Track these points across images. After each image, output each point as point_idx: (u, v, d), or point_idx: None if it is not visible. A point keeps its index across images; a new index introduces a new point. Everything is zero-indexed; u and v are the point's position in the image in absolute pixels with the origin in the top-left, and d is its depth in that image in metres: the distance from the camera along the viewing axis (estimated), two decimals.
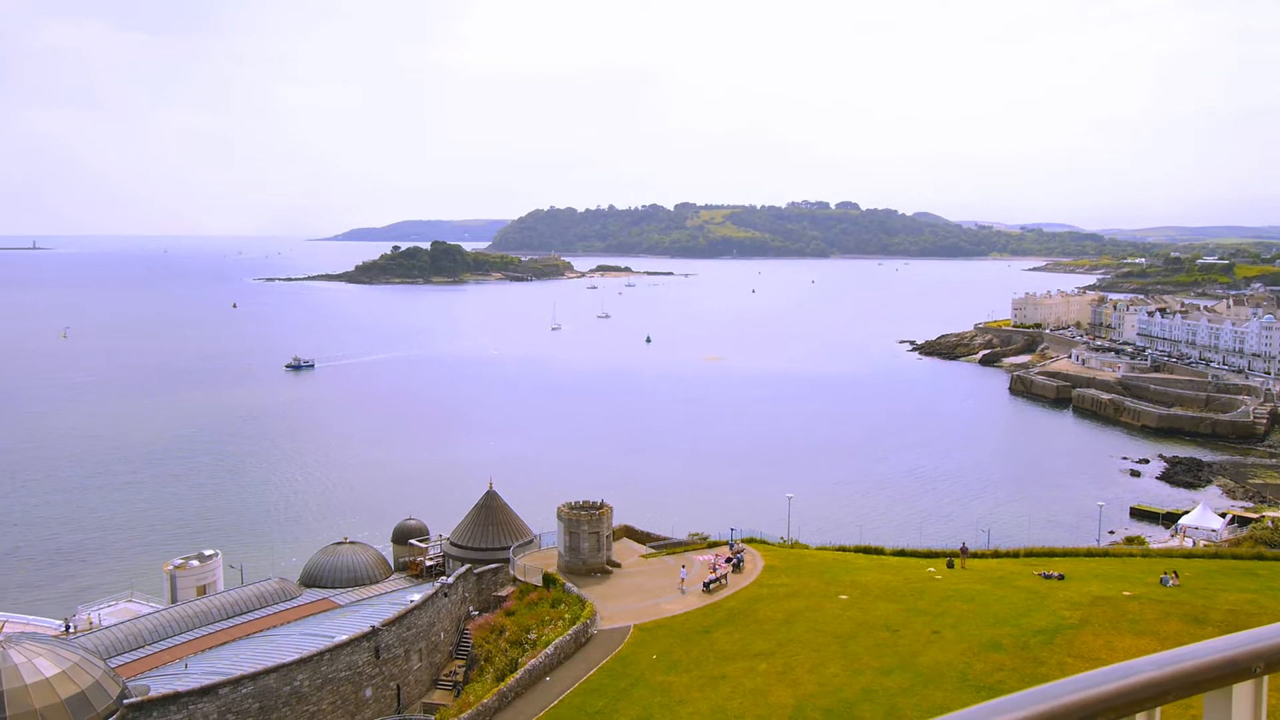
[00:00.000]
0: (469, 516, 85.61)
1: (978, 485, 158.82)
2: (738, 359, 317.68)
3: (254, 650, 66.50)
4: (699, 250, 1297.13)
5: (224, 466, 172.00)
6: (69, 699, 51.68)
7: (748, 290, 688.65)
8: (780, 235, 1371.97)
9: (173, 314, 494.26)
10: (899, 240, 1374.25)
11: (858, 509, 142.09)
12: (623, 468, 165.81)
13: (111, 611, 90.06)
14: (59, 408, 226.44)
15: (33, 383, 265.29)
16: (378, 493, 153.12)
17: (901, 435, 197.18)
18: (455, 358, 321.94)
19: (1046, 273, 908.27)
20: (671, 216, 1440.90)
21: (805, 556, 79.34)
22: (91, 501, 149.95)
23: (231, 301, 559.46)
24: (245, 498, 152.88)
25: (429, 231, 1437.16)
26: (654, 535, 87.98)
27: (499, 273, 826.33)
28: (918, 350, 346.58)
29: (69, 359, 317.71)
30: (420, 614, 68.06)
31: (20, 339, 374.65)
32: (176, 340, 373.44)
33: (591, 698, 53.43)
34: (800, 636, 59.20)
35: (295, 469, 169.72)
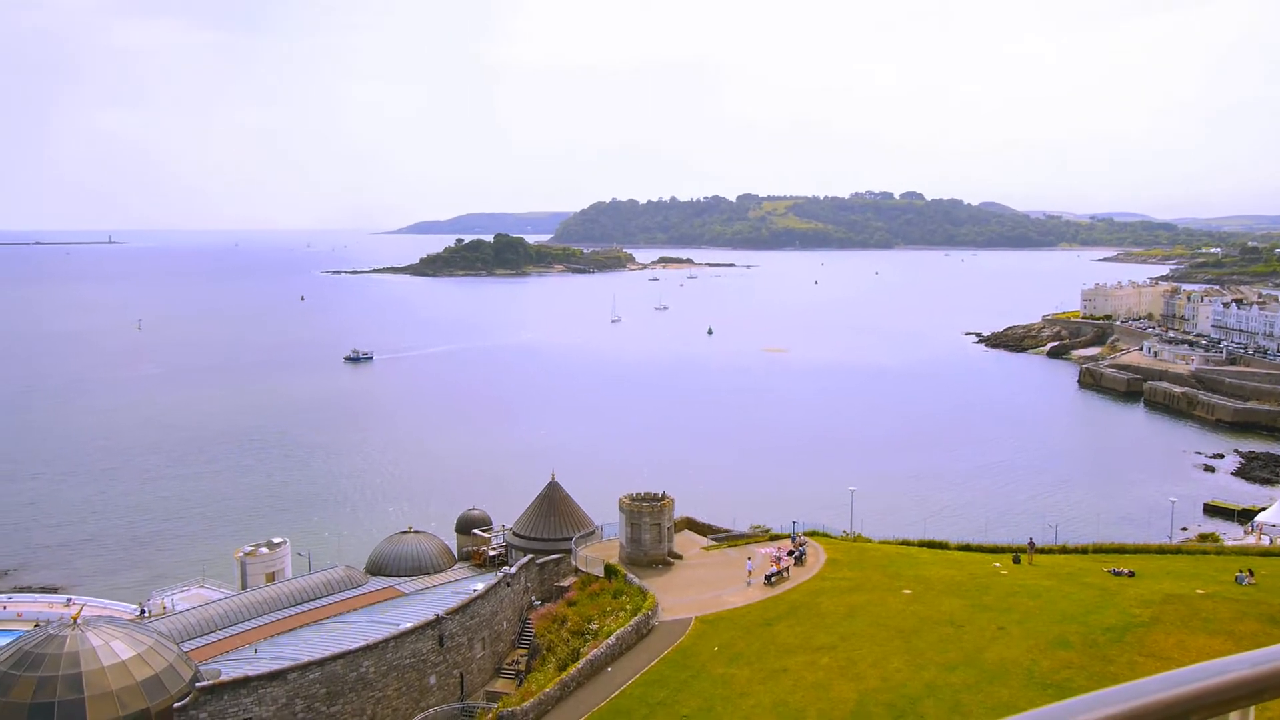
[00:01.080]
0: (531, 507, 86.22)
1: (1045, 480, 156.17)
2: (800, 351, 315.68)
3: (321, 636, 67.67)
4: (761, 242, 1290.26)
5: (292, 456, 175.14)
6: (144, 681, 53.08)
7: (810, 282, 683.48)
8: (843, 226, 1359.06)
9: (243, 306, 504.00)
10: (965, 231, 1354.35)
11: (921, 503, 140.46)
12: (685, 460, 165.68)
13: (184, 597, 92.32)
14: (134, 399, 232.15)
15: (109, 374, 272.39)
16: (441, 483, 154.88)
17: (967, 428, 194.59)
18: (517, 349, 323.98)
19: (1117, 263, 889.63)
20: (734, 208, 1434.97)
21: (868, 550, 78.66)
22: (165, 490, 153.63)
23: (299, 294, 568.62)
24: (313, 487, 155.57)
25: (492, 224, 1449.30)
26: (715, 527, 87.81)
27: (561, 265, 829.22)
28: (984, 342, 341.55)
29: (143, 351, 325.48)
30: (483, 603, 68.70)
31: (97, 332, 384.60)
32: (246, 332, 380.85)
33: (653, 689, 53.55)
34: (863, 630, 58.75)
35: (361, 459, 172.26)
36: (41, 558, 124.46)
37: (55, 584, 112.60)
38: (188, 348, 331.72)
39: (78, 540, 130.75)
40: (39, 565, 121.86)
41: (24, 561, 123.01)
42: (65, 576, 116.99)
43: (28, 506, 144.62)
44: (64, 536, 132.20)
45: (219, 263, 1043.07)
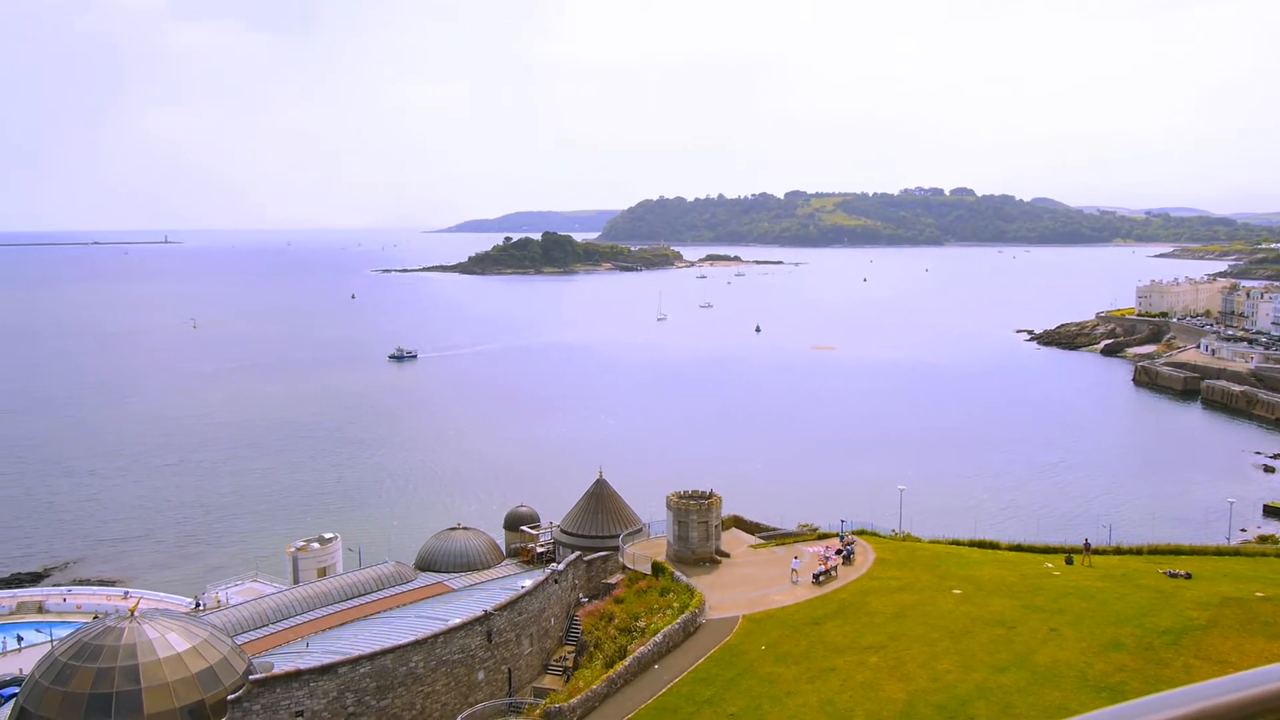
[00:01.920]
0: (579, 504, 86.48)
1: (1099, 480, 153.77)
2: (849, 348, 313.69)
3: (371, 631, 68.40)
4: (809, 239, 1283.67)
5: (342, 453, 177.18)
6: (198, 673, 54.00)
7: (859, 279, 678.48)
8: (892, 223, 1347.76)
9: (294, 305, 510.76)
10: (1016, 227, 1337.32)
11: (972, 502, 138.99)
12: (732, 458, 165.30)
13: (238, 591, 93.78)
14: (189, 396, 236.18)
15: (165, 372, 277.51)
16: (490, 480, 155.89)
17: (1018, 427, 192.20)
18: (563, 347, 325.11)
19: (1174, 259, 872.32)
20: (781, 205, 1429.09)
21: (917, 550, 77.96)
22: (220, 486, 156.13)
23: (350, 292, 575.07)
24: (363, 483, 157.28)
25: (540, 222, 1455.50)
26: (763, 526, 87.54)
27: (609, 263, 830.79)
28: (1036, 340, 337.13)
29: (198, 349, 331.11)
30: (531, 600, 69.03)
31: (153, 330, 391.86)
32: (297, 330, 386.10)
33: (700, 686, 53.49)
34: (912, 631, 58.25)
35: (410, 456, 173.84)
36: (100, 551, 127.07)
37: (113, 577, 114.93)
38: (241, 345, 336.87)
39: (135, 535, 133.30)
40: (98, 559, 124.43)
41: (83, 555, 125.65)
42: (123, 570, 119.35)
43: (87, 502, 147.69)
44: (121, 531, 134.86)
45: (272, 261, 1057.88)
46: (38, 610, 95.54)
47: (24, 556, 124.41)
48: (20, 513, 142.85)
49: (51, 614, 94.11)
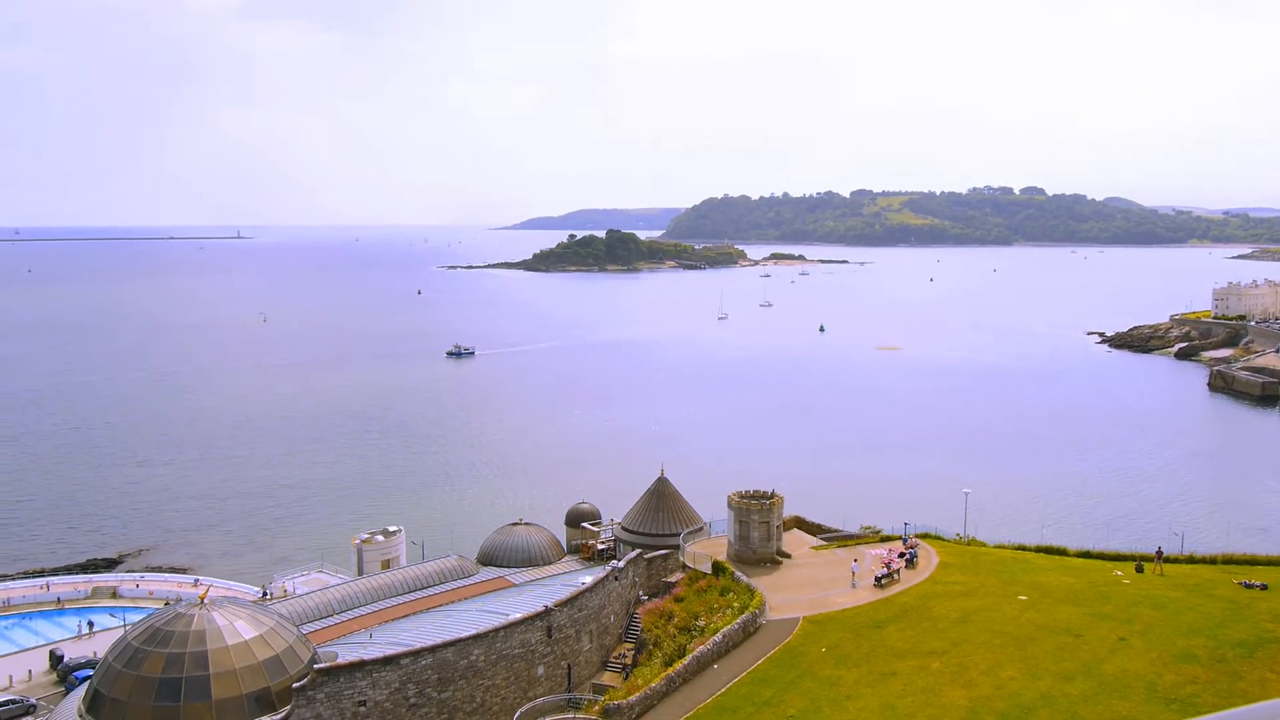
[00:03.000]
0: (640, 502, 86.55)
1: (1172, 486, 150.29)
2: (914, 349, 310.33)
3: (433, 624, 69.13)
4: (875, 238, 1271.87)
5: (406, 447, 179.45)
6: (265, 661, 55.01)
7: (925, 279, 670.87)
8: (960, 222, 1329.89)
9: (362, 300, 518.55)
10: (1088, 227, 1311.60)
11: (1039, 507, 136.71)
12: (794, 457, 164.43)
13: (304, 581, 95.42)
14: (258, 389, 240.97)
15: (235, 365, 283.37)
16: (551, 476, 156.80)
17: (1088, 431, 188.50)
18: (625, 345, 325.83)
19: (1253, 260, 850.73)
20: (847, 203, 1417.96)
21: (982, 554, 76.81)
22: (287, 478, 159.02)
23: (416, 288, 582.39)
24: (427, 477, 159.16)
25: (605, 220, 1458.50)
26: (825, 527, 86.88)
27: (672, 261, 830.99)
28: (1107, 342, 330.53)
29: (267, 342, 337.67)
30: (591, 596, 69.24)
31: (225, 324, 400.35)
32: (364, 324, 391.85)
33: (759, 687, 53.25)
34: (975, 637, 57.41)
35: (473, 452, 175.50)
36: (172, 540, 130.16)
37: (184, 565, 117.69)
38: (309, 339, 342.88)
39: (205, 524, 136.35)
40: (169, 546, 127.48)
41: (155, 542, 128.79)
42: (193, 558, 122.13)
43: (161, 492, 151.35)
44: (193, 520, 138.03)
45: (340, 257, 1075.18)
46: (112, 595, 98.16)
47: (100, 543, 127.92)
48: (97, 501, 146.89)
49: (125, 599, 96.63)
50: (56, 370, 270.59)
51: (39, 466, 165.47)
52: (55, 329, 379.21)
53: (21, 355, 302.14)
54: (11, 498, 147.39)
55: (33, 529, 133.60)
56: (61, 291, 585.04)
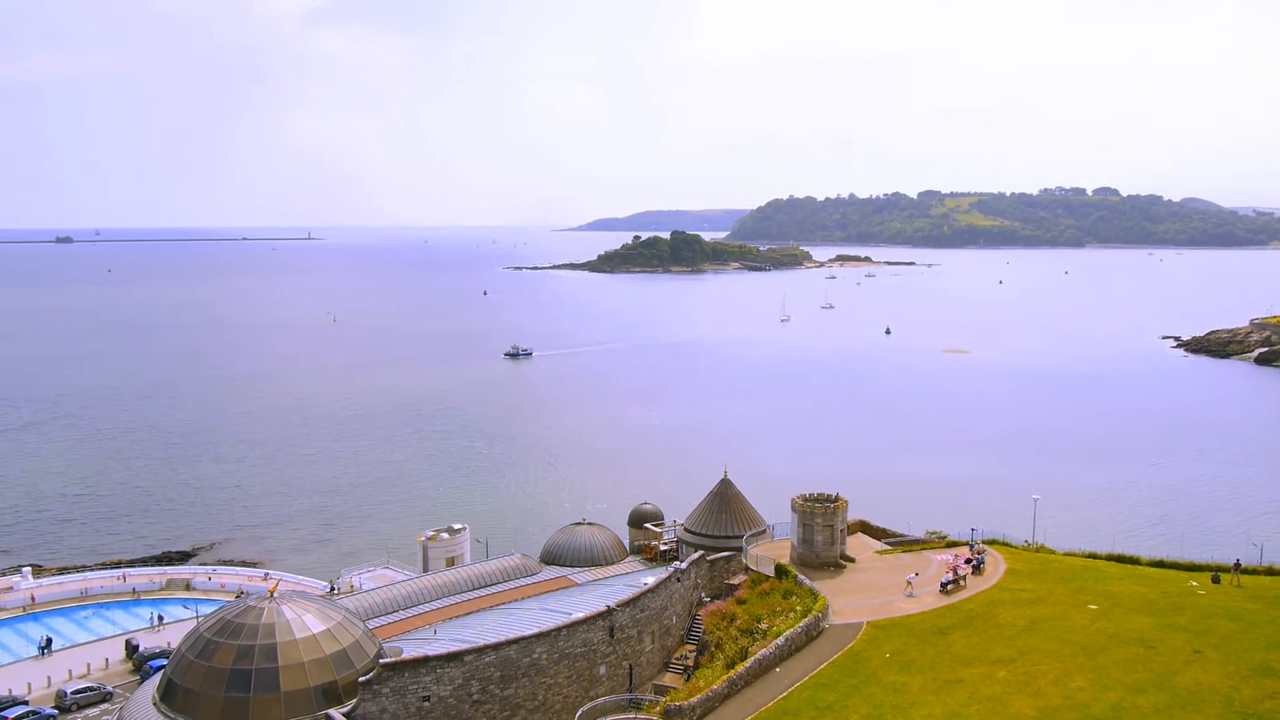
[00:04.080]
0: (703, 504, 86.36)
1: (1251, 496, 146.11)
2: (983, 352, 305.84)
3: (497, 621, 69.65)
4: (943, 239, 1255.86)
5: (471, 447, 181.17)
6: (332, 654, 55.91)
7: (995, 281, 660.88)
8: (1030, 223, 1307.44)
9: (429, 300, 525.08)
10: (1163, 228, 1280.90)
11: (1111, 514, 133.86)
12: (859, 461, 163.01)
13: (370, 576, 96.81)
14: (328, 388, 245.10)
15: (306, 365, 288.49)
16: (614, 477, 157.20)
17: (1163, 438, 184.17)
18: (687, 346, 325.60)
19: None
20: (914, 204, 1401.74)
21: (1051, 562, 75.42)
22: (355, 476, 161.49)
23: (482, 289, 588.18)
24: (491, 476, 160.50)
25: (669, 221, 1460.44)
26: (890, 531, 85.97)
27: (737, 262, 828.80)
28: (1184, 347, 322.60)
29: (337, 342, 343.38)
30: (654, 597, 69.25)
31: (296, 323, 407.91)
32: (432, 324, 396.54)
33: (821, 692, 52.85)
34: (1043, 645, 56.41)
35: (537, 451, 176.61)
36: (243, 534, 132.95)
37: (255, 559, 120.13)
38: (377, 339, 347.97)
39: (275, 520, 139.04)
40: (241, 541, 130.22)
41: (227, 537, 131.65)
42: (264, 552, 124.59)
43: (233, 488, 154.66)
44: (263, 516, 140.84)
45: (409, 258, 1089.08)
46: (185, 587, 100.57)
47: (174, 537, 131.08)
48: (172, 496, 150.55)
49: (197, 591, 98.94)
50: (135, 368, 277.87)
51: (117, 462, 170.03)
52: (133, 328, 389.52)
53: (102, 353, 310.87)
54: (91, 492, 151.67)
55: (111, 522, 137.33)
56: (139, 291, 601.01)
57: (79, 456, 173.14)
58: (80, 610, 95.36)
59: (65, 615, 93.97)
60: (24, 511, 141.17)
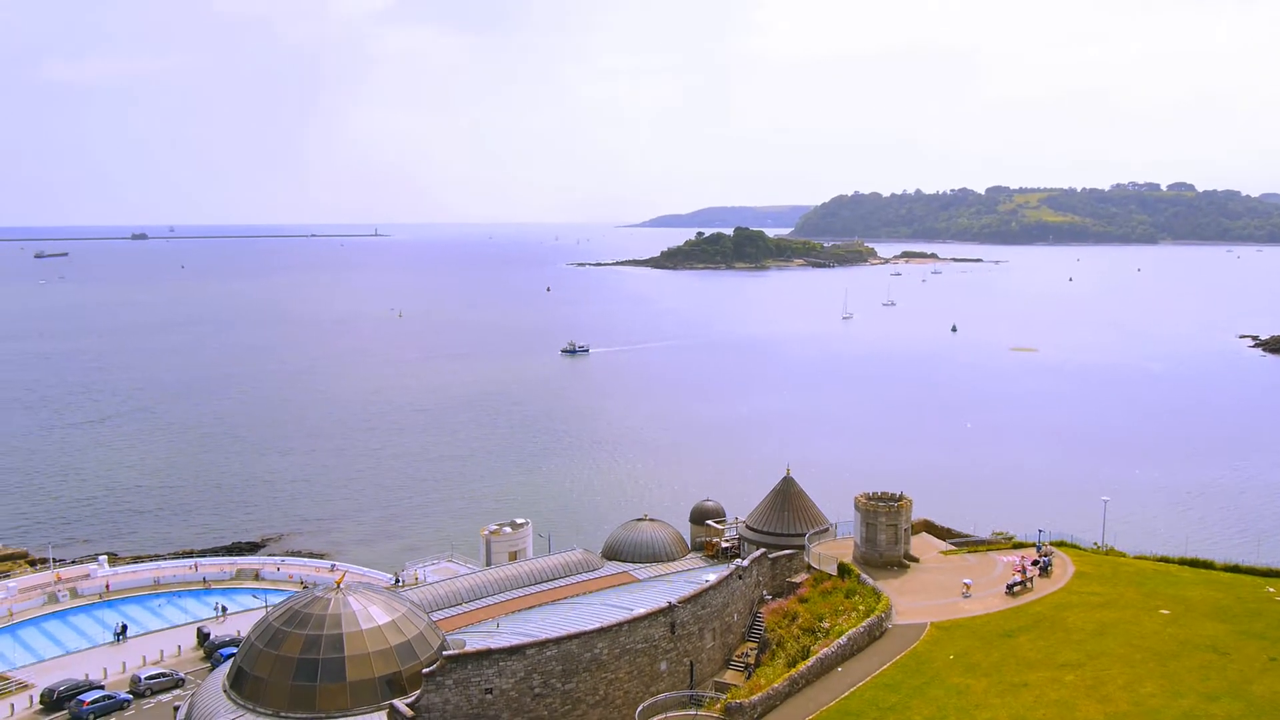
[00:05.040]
0: (765, 501, 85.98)
1: None
2: (1051, 351, 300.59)
3: (558, 616, 70.05)
4: (1011, 236, 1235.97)
5: (533, 442, 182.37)
6: (397, 645, 56.71)
7: (1064, 278, 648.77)
8: (1102, 219, 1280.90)
9: (493, 296, 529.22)
10: (1241, 224, 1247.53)
11: (1184, 517, 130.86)
12: (924, 460, 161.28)
13: (434, 569, 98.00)
14: (394, 383, 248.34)
15: (372, 359, 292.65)
16: (676, 473, 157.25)
17: (1239, 440, 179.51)
18: (750, 343, 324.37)
19: None
20: (982, 200, 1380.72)
21: (1121, 565, 73.89)
22: (419, 469, 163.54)
23: (546, 285, 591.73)
24: (554, 472, 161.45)
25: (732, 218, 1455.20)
26: (955, 531, 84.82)
27: (801, 259, 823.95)
28: (1262, 346, 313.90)
29: (402, 337, 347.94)
30: (715, 594, 69.13)
31: (363, 318, 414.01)
32: (495, 321, 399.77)
33: (884, 692, 52.34)
34: (1113, 650, 55.31)
35: (598, 447, 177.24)
36: (310, 526, 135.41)
37: (322, 550, 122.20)
38: (440, 335, 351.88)
39: (342, 512, 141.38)
40: (308, 532, 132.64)
41: (295, 528, 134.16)
42: (330, 544, 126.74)
43: (301, 481, 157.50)
44: (330, 508, 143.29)
45: (473, 254, 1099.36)
46: (254, 577, 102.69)
47: (244, 528, 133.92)
48: (242, 487, 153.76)
49: (266, 581, 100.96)
50: (207, 362, 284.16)
51: (190, 454, 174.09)
52: (205, 322, 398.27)
53: (176, 348, 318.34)
54: (164, 484, 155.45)
55: (183, 513, 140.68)
56: (211, 287, 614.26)
57: (153, 449, 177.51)
58: (153, 598, 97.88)
59: (139, 603, 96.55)
60: (100, 502, 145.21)
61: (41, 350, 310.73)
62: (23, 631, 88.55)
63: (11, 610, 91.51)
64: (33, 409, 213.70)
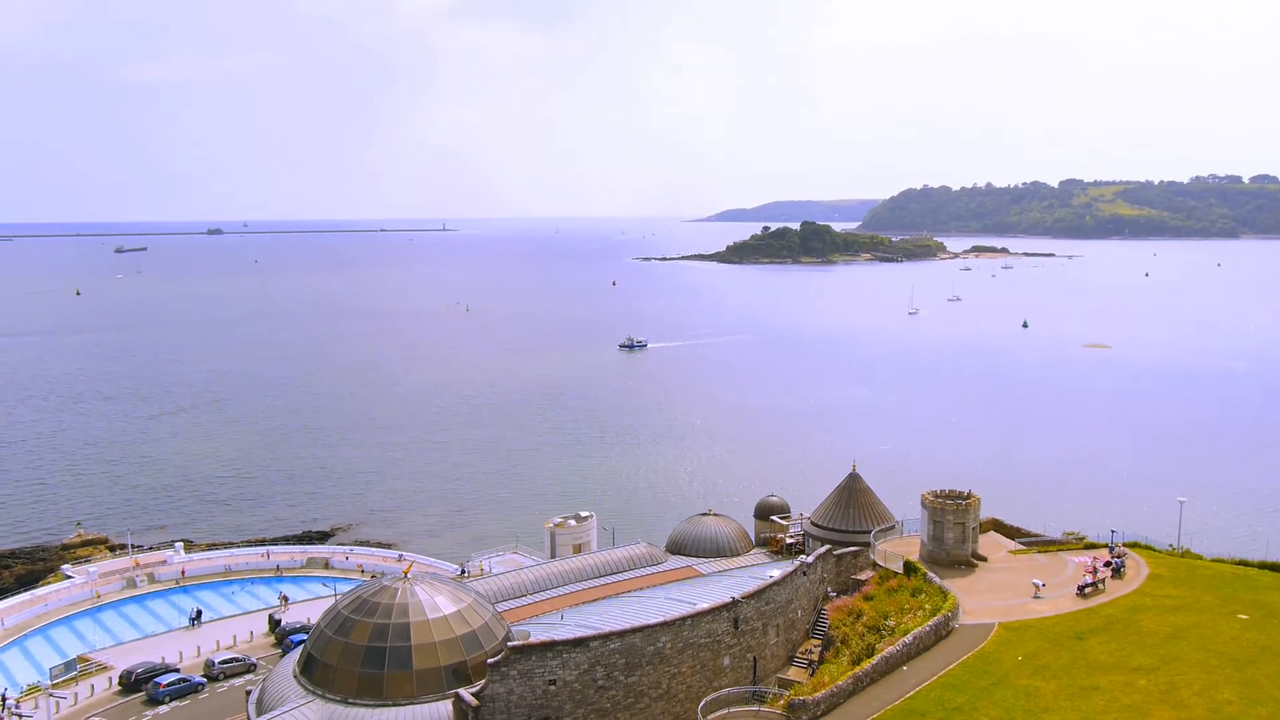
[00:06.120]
0: (831, 497, 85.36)
1: None
2: (1126, 348, 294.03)
3: (622, 609, 70.22)
4: (1084, 230, 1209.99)
5: (598, 435, 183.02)
6: (462, 635, 57.32)
7: (1140, 273, 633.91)
8: (1180, 213, 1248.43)
9: (559, 290, 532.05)
10: None
11: (1265, 520, 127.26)
12: (993, 457, 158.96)
13: (499, 561, 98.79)
14: (459, 376, 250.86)
15: (440, 353, 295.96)
16: (740, 468, 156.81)
17: None
18: (814, 339, 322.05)
19: None
20: (1055, 194, 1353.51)
21: (1198, 568, 72.10)
22: (485, 461, 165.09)
23: (611, 279, 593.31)
24: (619, 465, 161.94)
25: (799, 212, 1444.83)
26: (1024, 531, 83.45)
27: (868, 253, 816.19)
28: None
29: (469, 331, 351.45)
30: (779, 590, 68.81)
31: (431, 312, 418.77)
32: (562, 313, 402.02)
33: (950, 693, 51.72)
34: (1188, 655, 54.01)
35: (662, 441, 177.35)
36: (379, 516, 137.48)
37: (389, 540, 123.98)
38: (507, 329, 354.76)
39: (410, 504, 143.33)
40: (376, 523, 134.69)
41: (363, 519, 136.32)
42: (398, 534, 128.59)
43: (371, 473, 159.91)
44: (398, 500, 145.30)
45: (540, 248, 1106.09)
46: (324, 566, 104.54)
47: (314, 517, 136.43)
48: (313, 478, 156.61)
49: (335, 570, 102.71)
50: (279, 354, 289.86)
51: (262, 445, 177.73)
52: (278, 315, 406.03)
53: (250, 340, 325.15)
54: (237, 473, 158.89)
55: (255, 503, 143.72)
56: (284, 280, 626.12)
57: (227, 440, 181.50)
58: (227, 585, 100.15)
59: (213, 589, 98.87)
60: (177, 491, 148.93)
61: (121, 343, 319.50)
62: (103, 614, 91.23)
63: (99, 593, 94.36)
64: (113, 400, 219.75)
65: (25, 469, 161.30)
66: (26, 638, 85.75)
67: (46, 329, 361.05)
